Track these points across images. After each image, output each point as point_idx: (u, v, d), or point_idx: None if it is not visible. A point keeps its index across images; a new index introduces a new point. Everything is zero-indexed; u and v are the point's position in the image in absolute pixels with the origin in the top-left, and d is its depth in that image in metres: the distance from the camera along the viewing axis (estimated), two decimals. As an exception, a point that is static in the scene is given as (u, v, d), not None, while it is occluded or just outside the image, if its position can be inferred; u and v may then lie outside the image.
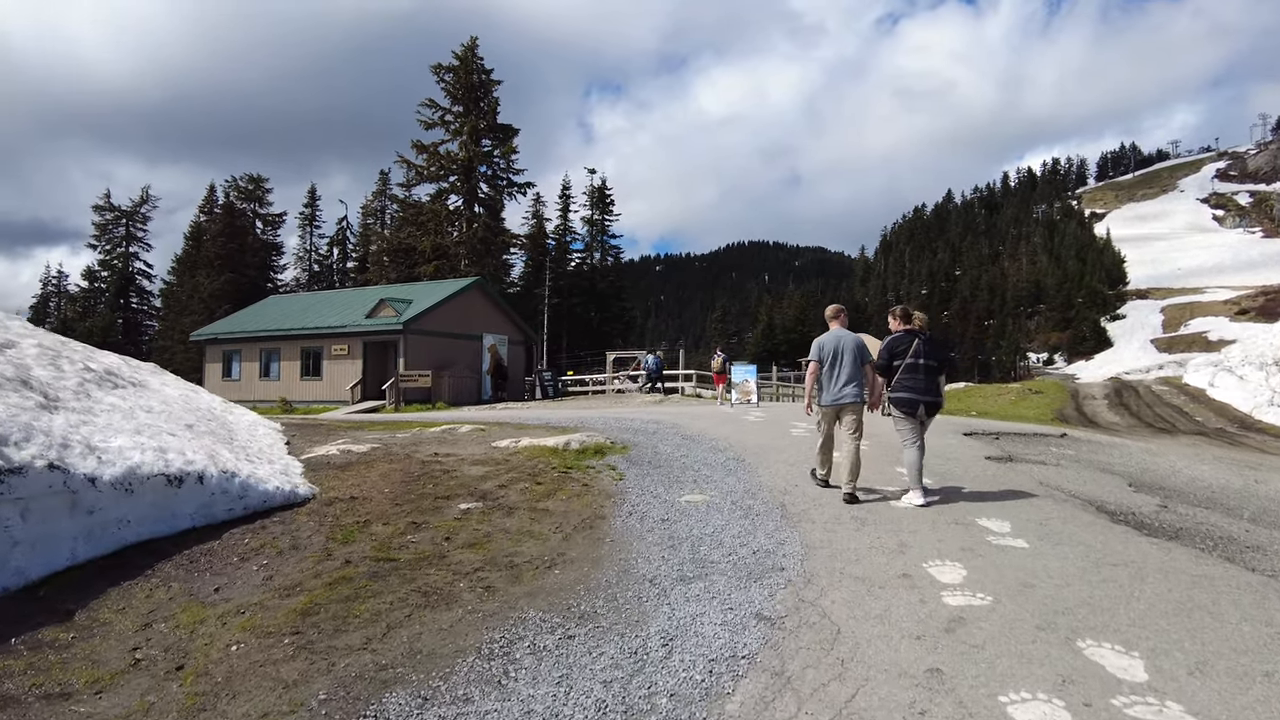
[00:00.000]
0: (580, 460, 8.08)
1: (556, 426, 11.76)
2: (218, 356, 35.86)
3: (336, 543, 5.25)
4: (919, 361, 6.79)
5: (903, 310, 7.18)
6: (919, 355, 6.80)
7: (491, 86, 44.10)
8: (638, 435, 10.49)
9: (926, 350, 6.87)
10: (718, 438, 10.35)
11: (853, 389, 6.92)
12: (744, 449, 9.32)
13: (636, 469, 7.88)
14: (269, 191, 73.46)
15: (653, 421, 12.74)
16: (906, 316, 7.09)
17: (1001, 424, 14.87)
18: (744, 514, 6.13)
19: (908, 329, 6.96)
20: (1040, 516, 6.12)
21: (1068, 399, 25.09)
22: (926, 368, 6.81)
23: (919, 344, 6.82)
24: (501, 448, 8.59)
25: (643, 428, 11.60)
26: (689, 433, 10.96)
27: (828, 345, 7.07)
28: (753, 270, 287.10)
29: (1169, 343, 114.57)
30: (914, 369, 6.78)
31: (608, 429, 11.31)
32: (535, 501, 6.39)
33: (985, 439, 11.64)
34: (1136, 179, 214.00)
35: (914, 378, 6.79)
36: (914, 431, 6.91)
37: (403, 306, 30.53)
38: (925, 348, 6.86)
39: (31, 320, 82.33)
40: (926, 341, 6.90)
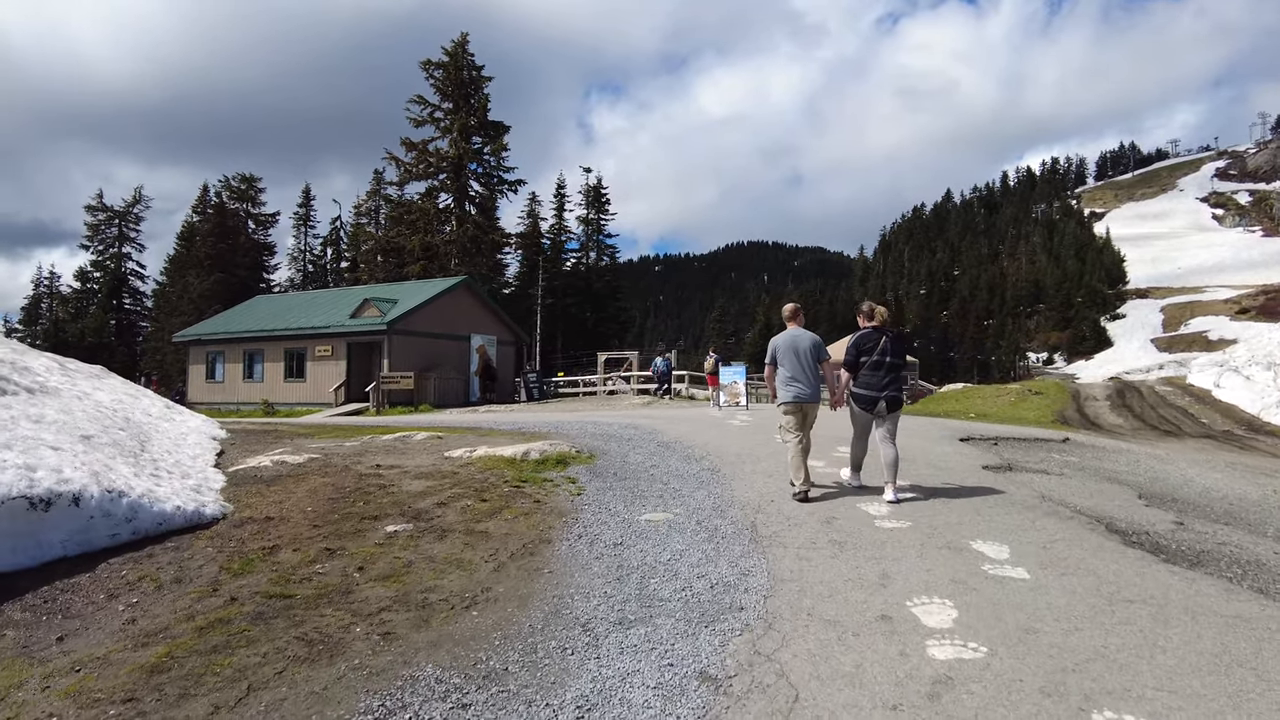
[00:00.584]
0: (538, 472, 7.37)
1: (527, 432, 11.06)
2: (201, 358, 35.13)
3: (230, 574, 4.53)
4: (884, 359, 6.83)
5: (869, 307, 7.21)
6: (885, 353, 6.84)
7: (482, 83, 43.39)
8: (610, 442, 9.78)
9: (892, 348, 6.89)
10: (696, 445, 9.64)
11: (810, 389, 6.96)
12: (722, 458, 8.61)
13: (599, 482, 7.17)
14: (261, 191, 72.82)
15: (631, 427, 12.04)
16: (871, 313, 7.13)
17: (1000, 427, 14.16)
18: (708, 536, 5.42)
19: (875, 326, 6.99)
20: (1043, 538, 5.40)
21: (1069, 400, 24.37)
22: (890, 365, 6.86)
23: (885, 341, 6.87)
24: (454, 458, 7.88)
25: (619, 433, 10.90)
26: (666, 439, 10.25)
27: (781, 346, 7.05)
28: (752, 270, 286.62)
29: (1169, 342, 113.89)
30: (878, 366, 6.83)
31: (581, 435, 10.61)
32: (474, 522, 5.68)
33: (983, 445, 10.93)
34: (1136, 178, 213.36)
35: (876, 375, 6.84)
36: (866, 427, 7.07)
37: (387, 306, 29.81)
38: (891, 345, 6.89)
39: (23, 322, 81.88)
40: (893, 339, 6.93)
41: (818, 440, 7.44)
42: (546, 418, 15.49)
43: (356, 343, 30.11)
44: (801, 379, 6.92)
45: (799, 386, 6.92)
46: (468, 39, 43.25)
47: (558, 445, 8.44)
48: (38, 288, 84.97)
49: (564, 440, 9.47)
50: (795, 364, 6.93)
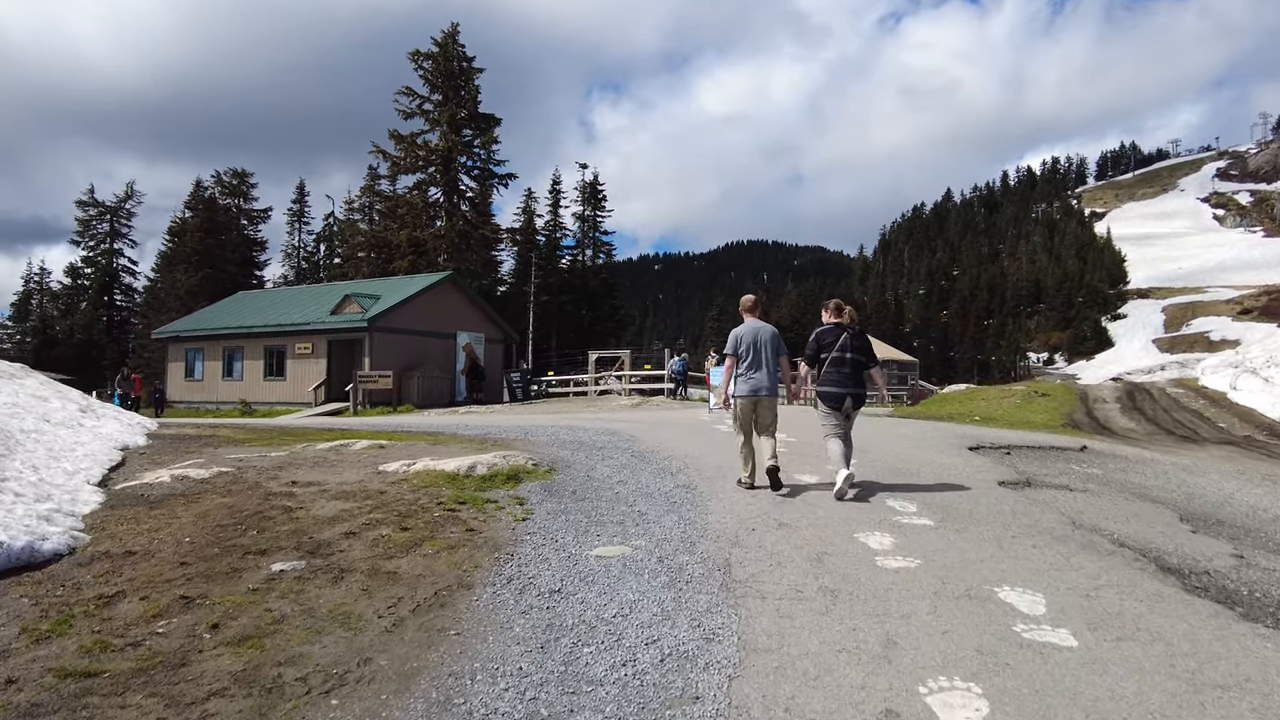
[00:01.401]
0: (482, 491, 6.32)
1: (491, 439, 10.01)
2: (180, 356, 34.10)
3: (31, 639, 3.46)
4: (845, 355, 6.79)
5: (836, 303, 7.19)
6: (845, 349, 6.80)
7: (473, 74, 42.25)
8: (579, 451, 8.73)
9: (853, 344, 6.85)
10: (674, 455, 8.59)
11: (768, 382, 6.87)
12: (701, 471, 7.56)
13: (552, 503, 6.11)
14: (253, 186, 71.90)
15: (608, 432, 10.99)
16: (839, 309, 7.10)
17: (1010, 433, 13.09)
18: (670, 580, 4.35)
19: (836, 322, 6.96)
20: (1085, 582, 4.35)
21: (1077, 402, 23.31)
22: (853, 361, 6.82)
23: (846, 337, 6.83)
24: (388, 473, 6.83)
25: (592, 440, 9.85)
26: (643, 447, 9.20)
27: (744, 337, 6.92)
28: (751, 269, 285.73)
29: (1171, 342, 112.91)
30: (840, 362, 6.79)
31: (550, 442, 9.57)
32: (385, 558, 4.62)
33: (994, 455, 9.88)
34: (1137, 178, 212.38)
35: (839, 371, 6.79)
36: (837, 425, 6.87)
37: (369, 302, 28.73)
38: (852, 341, 6.84)
39: (12, 319, 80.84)
40: (855, 335, 6.89)
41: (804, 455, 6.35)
42: (522, 421, 14.45)
43: (337, 340, 29.05)
44: (760, 373, 6.85)
45: (757, 380, 6.84)
46: (458, 29, 42.14)
47: (514, 457, 7.38)
48: (28, 284, 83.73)
49: (525, 450, 8.43)
50: (756, 357, 6.85)
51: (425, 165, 41.51)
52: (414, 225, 40.38)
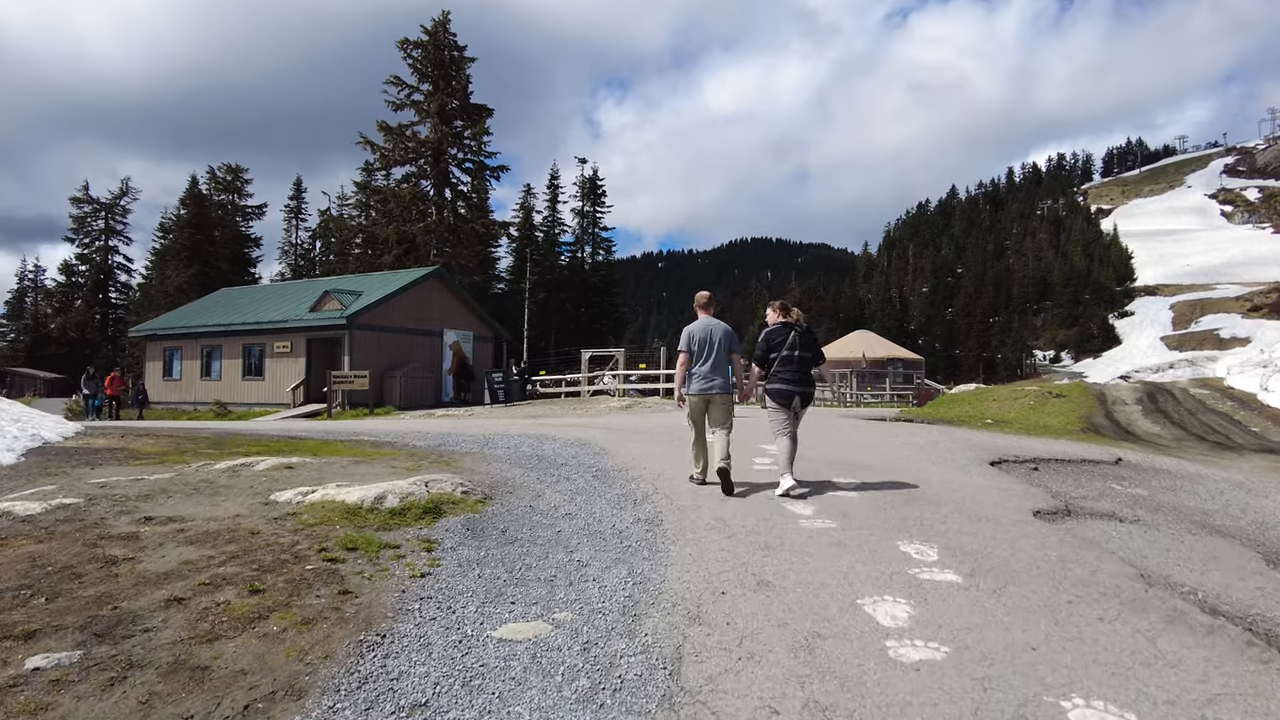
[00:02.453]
0: (385, 531, 4.99)
1: (439, 452, 8.70)
2: (158, 354, 32.88)
3: None
4: (794, 354, 6.83)
5: (782, 304, 7.23)
6: (795, 348, 6.83)
7: (464, 64, 40.83)
8: (532, 471, 7.41)
9: (802, 342, 6.88)
10: (645, 474, 7.28)
11: (721, 380, 6.83)
12: (672, 497, 6.24)
13: (470, 548, 4.78)
14: (248, 182, 70.87)
15: (578, 443, 9.68)
16: (785, 309, 7.14)
17: (1031, 442, 11.73)
18: (590, 687, 3.01)
19: (784, 321, 7.00)
20: (1192, 690, 3.01)
21: (1095, 404, 21.95)
22: (801, 359, 6.86)
23: (795, 336, 6.86)
24: (279, 503, 5.50)
25: (554, 455, 8.54)
26: (611, 464, 7.89)
27: (697, 335, 6.87)
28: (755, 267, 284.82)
29: (1179, 340, 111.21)
30: (789, 361, 6.82)
31: (505, 457, 8.27)
32: (205, 641, 3.30)
33: (1020, 470, 8.54)
34: (1143, 175, 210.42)
35: (789, 369, 6.81)
36: (786, 423, 6.84)
37: (349, 299, 27.44)
38: (801, 340, 6.88)
39: (6, 318, 79.84)
40: (803, 334, 6.92)
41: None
42: (491, 427, 13.14)
43: (317, 338, 27.78)
44: (713, 371, 6.79)
45: (709, 379, 6.78)
46: (449, 17, 40.75)
47: (441, 482, 6.04)
48: (22, 281, 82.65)
49: (468, 469, 7.12)
50: (708, 355, 6.79)
51: (414, 157, 40.16)
52: (403, 219, 39.03)
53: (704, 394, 6.77)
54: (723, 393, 6.81)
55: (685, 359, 6.89)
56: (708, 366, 6.77)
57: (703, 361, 6.78)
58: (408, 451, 8.87)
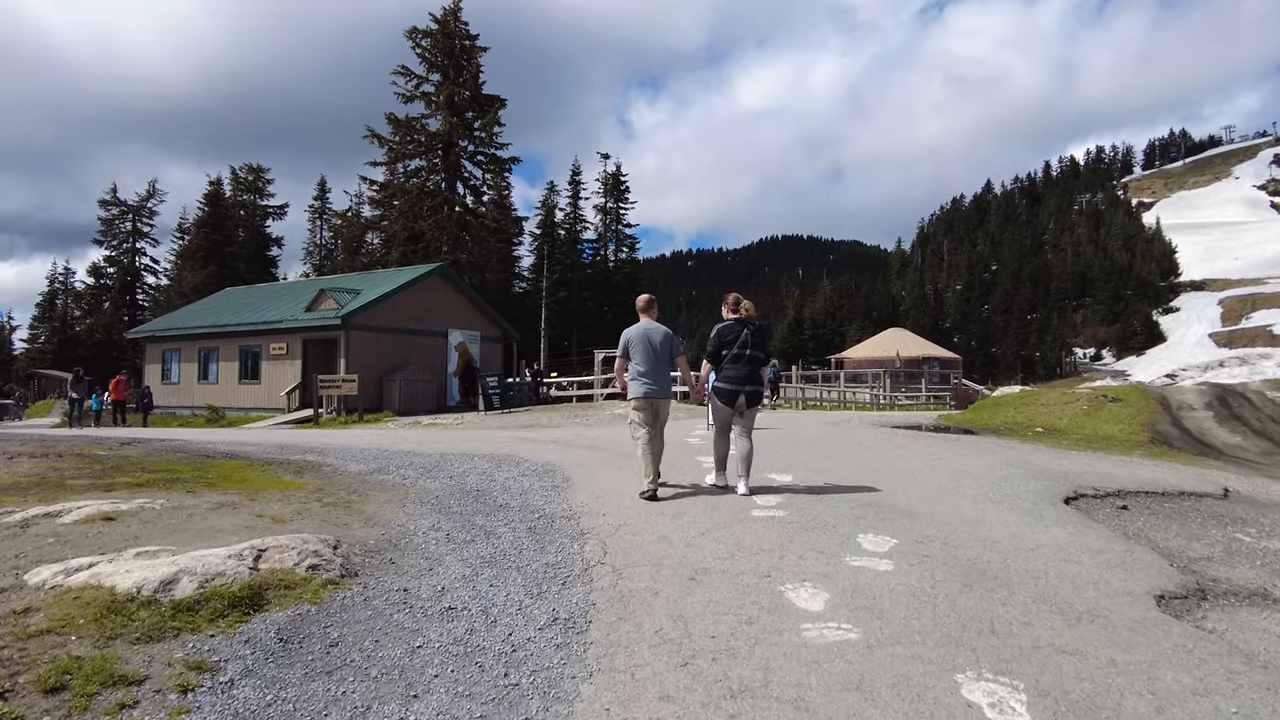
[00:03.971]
0: (145, 644, 3.14)
1: (357, 485, 6.88)
2: (157, 357, 31.56)
3: None
4: (745, 352, 6.65)
5: (734, 298, 6.97)
6: (746, 345, 6.65)
7: (475, 53, 39.07)
8: (452, 519, 5.55)
9: (753, 340, 6.69)
10: (601, 525, 5.37)
11: (661, 382, 6.68)
12: (621, 575, 4.30)
13: (254, 688, 2.91)
14: (270, 182, 70.10)
15: (542, 469, 7.83)
16: (737, 305, 6.90)
17: (1103, 463, 9.63)
18: None
19: (737, 318, 6.82)
20: None
21: (1158, 410, 19.66)
22: (752, 358, 6.67)
23: (747, 334, 6.68)
24: (27, 588, 3.68)
25: (500, 489, 6.69)
26: (564, 507, 6.02)
27: (635, 338, 6.67)
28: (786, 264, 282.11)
29: (1229, 337, 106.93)
30: (739, 359, 6.64)
31: (432, 496, 6.44)
32: None
33: (1105, 510, 6.52)
34: (1187, 166, 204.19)
35: (737, 368, 6.64)
36: (727, 421, 6.75)
37: (346, 298, 25.83)
38: (752, 338, 6.69)
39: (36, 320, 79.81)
40: (755, 332, 6.74)
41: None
42: (457, 443, 11.31)
43: (313, 339, 26.19)
44: (653, 374, 6.65)
45: (649, 382, 6.64)
46: (460, 5, 39.02)
47: (284, 552, 4.15)
48: (52, 284, 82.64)
49: (350, 523, 5.26)
50: (647, 358, 6.63)
51: (424, 150, 38.51)
52: (412, 215, 37.39)
53: (649, 397, 6.61)
54: (663, 397, 6.71)
55: (622, 364, 6.78)
56: (647, 370, 6.61)
57: (641, 366, 6.62)
58: (321, 483, 7.06)
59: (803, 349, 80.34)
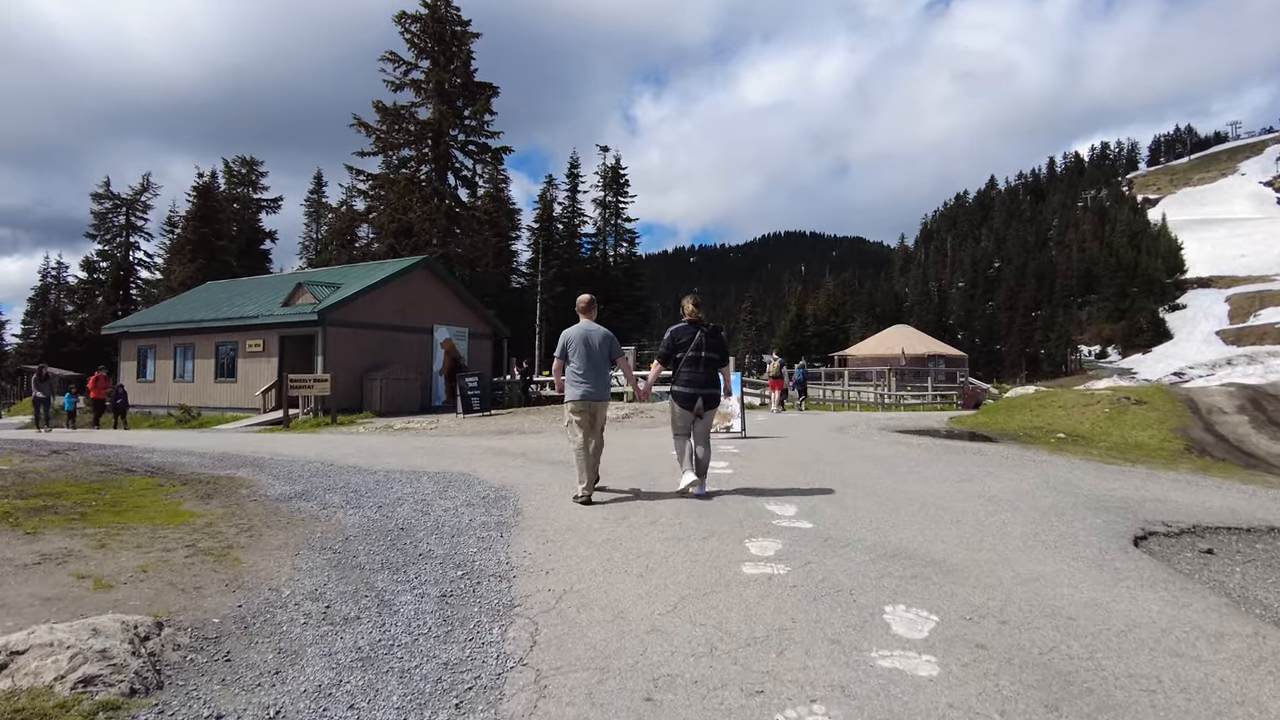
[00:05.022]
0: None
1: (261, 517, 5.59)
2: (132, 353, 30.28)
3: None
4: (700, 354, 6.57)
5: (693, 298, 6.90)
6: (700, 347, 6.58)
7: (467, 39, 37.63)
8: (346, 580, 4.24)
9: (708, 342, 6.62)
10: (539, 591, 4.05)
11: (600, 385, 6.56)
12: (543, 685, 3.01)
13: None
14: (263, 175, 68.85)
15: (493, 496, 6.57)
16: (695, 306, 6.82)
17: (1148, 483, 8.29)
18: None
19: (691, 320, 6.75)
20: None
21: (1187, 414, 18.33)
22: (707, 360, 6.60)
23: (701, 336, 6.61)
24: None
25: (430, 529, 5.39)
26: (498, 558, 4.71)
27: (575, 339, 6.55)
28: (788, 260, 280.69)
29: (1237, 334, 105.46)
30: (695, 362, 6.56)
31: (343, 540, 5.14)
32: None
33: (1184, 555, 5.19)
34: (1193, 162, 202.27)
35: (694, 371, 6.56)
36: (687, 424, 6.62)
37: (324, 292, 24.51)
38: (707, 340, 6.62)
39: (29, 314, 78.47)
40: (709, 334, 6.66)
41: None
42: (414, 455, 10.01)
43: (290, 336, 24.90)
44: (591, 376, 6.50)
45: (588, 385, 6.49)
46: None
47: (60, 654, 2.86)
48: (45, 278, 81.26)
49: (210, 585, 3.95)
50: (586, 360, 6.48)
51: (413, 140, 37.12)
52: (400, 206, 36.01)
53: (586, 399, 6.48)
54: (601, 399, 6.59)
55: (559, 365, 6.61)
56: (586, 372, 6.47)
57: (580, 367, 6.47)
58: (222, 513, 5.76)
59: (806, 346, 78.97)
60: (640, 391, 7.05)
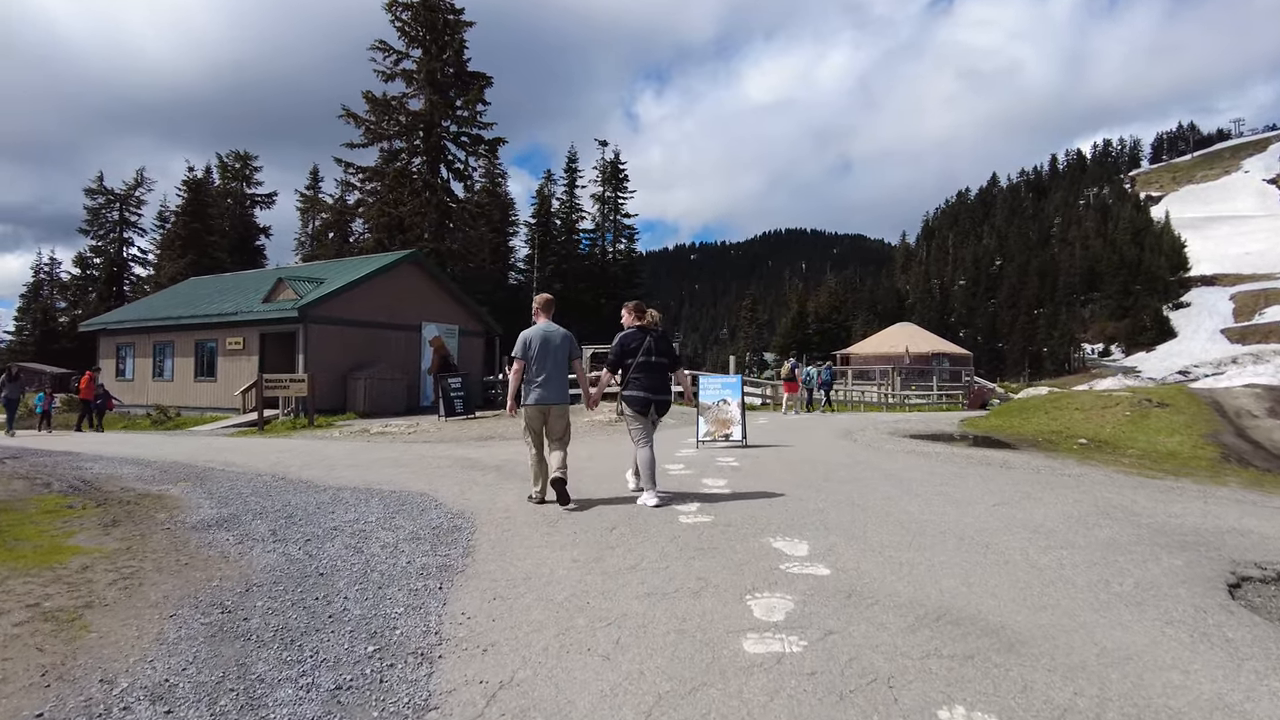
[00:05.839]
0: None
1: (163, 546, 4.56)
2: (111, 351, 29.26)
3: None
4: (650, 360, 6.45)
5: (636, 305, 6.77)
6: (650, 353, 6.46)
7: (460, 27, 36.49)
8: (219, 654, 3.20)
9: (657, 347, 6.51)
10: (482, 690, 3.02)
11: (559, 388, 6.37)
12: None
13: None
14: (257, 170, 67.72)
15: (449, 525, 5.51)
16: (640, 312, 6.70)
17: (1212, 504, 7.26)
18: None
19: (640, 325, 6.59)
20: None
21: (1214, 417, 17.28)
22: (658, 365, 6.49)
23: (650, 341, 6.49)
24: None
25: (371, 568, 4.35)
26: (424, 632, 3.67)
27: (533, 340, 6.35)
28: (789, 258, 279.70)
29: (1243, 333, 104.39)
30: (646, 367, 6.43)
31: (245, 594, 4.11)
32: None
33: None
34: (1196, 160, 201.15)
35: (646, 376, 6.43)
36: (644, 431, 6.47)
37: (306, 288, 23.45)
38: (656, 345, 6.51)
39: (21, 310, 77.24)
40: (658, 339, 6.55)
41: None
42: (378, 467, 8.98)
43: (271, 333, 23.84)
44: (551, 379, 6.32)
45: (545, 389, 6.29)
46: (446, -26, 36.48)
47: None
48: (37, 274, 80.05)
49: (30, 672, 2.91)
50: (546, 362, 6.30)
51: (404, 132, 36.00)
52: (390, 200, 34.91)
53: (541, 404, 6.30)
54: (561, 403, 6.40)
55: (520, 366, 6.37)
56: (546, 375, 6.29)
57: (539, 370, 6.28)
58: (114, 549, 4.72)
59: (807, 344, 77.81)
60: (588, 399, 6.70)
